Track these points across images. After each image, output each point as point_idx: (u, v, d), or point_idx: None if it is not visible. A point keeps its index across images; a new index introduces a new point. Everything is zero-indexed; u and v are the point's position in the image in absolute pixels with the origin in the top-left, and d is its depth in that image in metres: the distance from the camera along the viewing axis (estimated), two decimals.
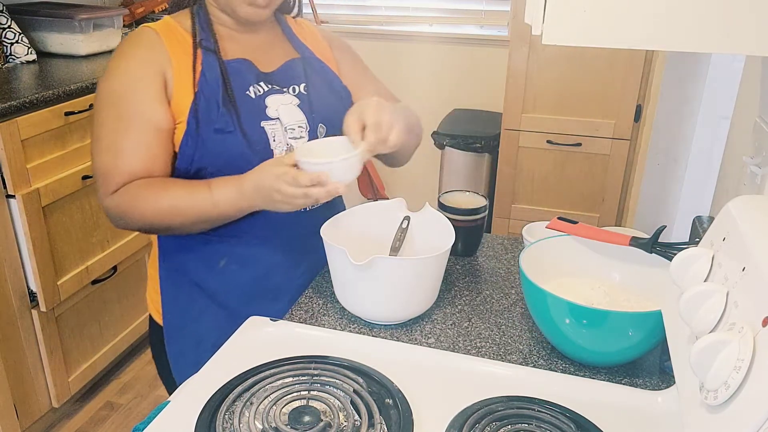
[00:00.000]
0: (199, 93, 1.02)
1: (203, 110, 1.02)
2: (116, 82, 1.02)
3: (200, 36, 1.06)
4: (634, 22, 0.65)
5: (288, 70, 1.13)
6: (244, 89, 1.06)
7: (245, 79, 1.07)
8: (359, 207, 1.08)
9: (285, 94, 1.10)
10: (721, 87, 1.44)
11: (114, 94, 1.02)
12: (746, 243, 0.58)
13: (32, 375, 1.91)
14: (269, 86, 1.09)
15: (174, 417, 0.75)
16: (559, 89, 2.42)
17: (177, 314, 1.14)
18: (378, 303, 0.95)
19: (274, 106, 1.08)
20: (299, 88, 1.12)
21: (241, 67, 1.07)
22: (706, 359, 0.53)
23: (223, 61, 1.05)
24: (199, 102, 1.02)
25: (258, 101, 1.06)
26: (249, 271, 1.11)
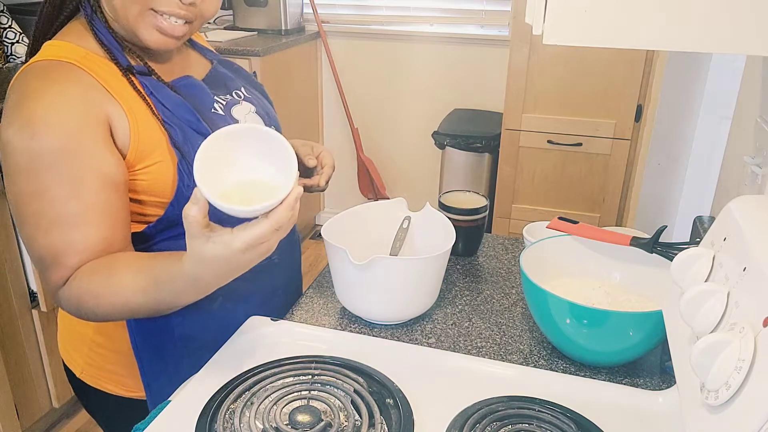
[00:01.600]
0: (168, 125, 0.87)
1: (183, 142, 0.87)
2: (48, 138, 0.79)
3: (119, 58, 0.87)
4: (635, 22, 0.65)
5: (219, 76, 1.03)
6: (209, 107, 0.95)
7: (203, 96, 0.95)
8: (360, 207, 1.08)
9: (242, 103, 1.01)
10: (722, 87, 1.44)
11: (47, 154, 0.78)
12: (747, 243, 0.58)
13: (33, 375, 1.91)
14: (223, 97, 0.99)
15: (174, 417, 0.75)
16: (559, 89, 2.42)
17: (167, 380, 0.96)
18: (378, 303, 0.95)
19: (241, 117, 0.99)
20: (242, 92, 1.03)
21: (190, 84, 0.94)
22: (706, 359, 0.53)
23: (171, 84, 0.91)
24: (175, 134, 0.87)
25: (226, 117, 0.97)
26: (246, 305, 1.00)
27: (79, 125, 0.80)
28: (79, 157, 0.80)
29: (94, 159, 0.81)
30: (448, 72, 3.02)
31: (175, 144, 0.87)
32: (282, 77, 2.85)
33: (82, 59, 0.85)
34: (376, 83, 3.13)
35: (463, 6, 3.01)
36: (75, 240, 0.81)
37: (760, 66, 1.00)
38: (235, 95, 1.02)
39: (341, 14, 3.17)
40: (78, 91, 0.82)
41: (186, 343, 0.98)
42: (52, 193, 0.80)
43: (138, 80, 0.88)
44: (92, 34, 0.88)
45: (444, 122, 2.82)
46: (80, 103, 0.81)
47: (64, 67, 0.83)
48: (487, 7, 2.97)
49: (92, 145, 0.81)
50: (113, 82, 0.85)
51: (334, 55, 3.14)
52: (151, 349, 0.97)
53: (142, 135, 0.85)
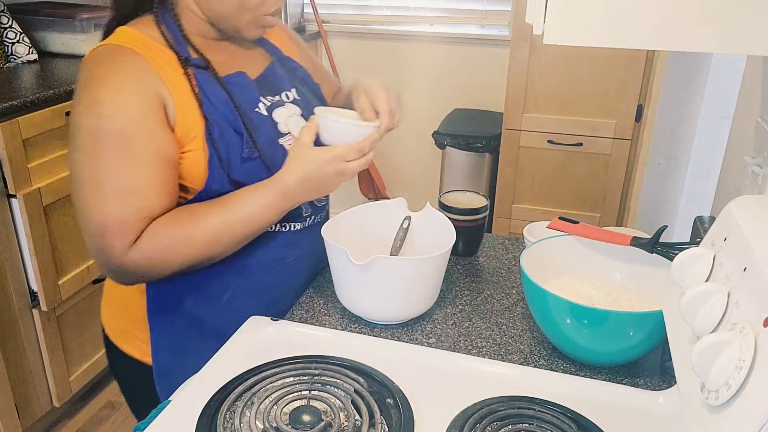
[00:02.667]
0: (209, 118, 0.92)
1: (219, 137, 0.93)
2: (114, 117, 0.87)
3: (180, 51, 0.94)
4: (635, 21, 0.65)
5: (272, 76, 1.05)
6: (253, 106, 0.98)
7: (249, 94, 0.99)
8: (360, 207, 1.08)
9: (287, 105, 1.03)
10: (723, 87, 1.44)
11: (113, 132, 0.87)
12: (747, 243, 0.58)
13: (33, 374, 1.92)
14: (269, 98, 1.02)
15: (175, 417, 0.75)
16: (560, 89, 2.42)
17: (172, 354, 1.03)
18: (379, 303, 0.95)
19: (282, 120, 1.01)
20: (292, 94, 1.06)
21: (240, 82, 0.98)
22: (707, 359, 0.53)
23: (223, 80, 0.96)
24: (213, 128, 0.92)
25: (269, 117, 1.00)
26: (256, 301, 1.03)
27: (141, 106, 0.89)
28: (141, 138, 0.89)
29: (155, 137, 0.89)
30: (449, 72, 3.02)
31: (210, 138, 0.92)
32: None
33: (143, 47, 0.92)
34: None
35: (463, 6, 3.01)
36: (139, 208, 0.89)
37: (761, 66, 1.00)
38: (284, 96, 1.04)
39: (342, 14, 3.17)
40: (138, 75, 0.90)
41: (194, 326, 1.03)
42: (112, 169, 0.88)
43: (193, 72, 0.93)
44: (158, 27, 0.94)
45: (444, 122, 2.82)
46: (140, 87, 0.89)
47: (125, 52, 0.90)
48: (488, 7, 2.97)
49: (152, 125, 0.89)
50: (168, 71, 0.92)
51: (335, 54, 3.14)
52: (163, 323, 1.02)
53: (184, 123, 0.92)
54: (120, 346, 1.10)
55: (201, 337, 1.02)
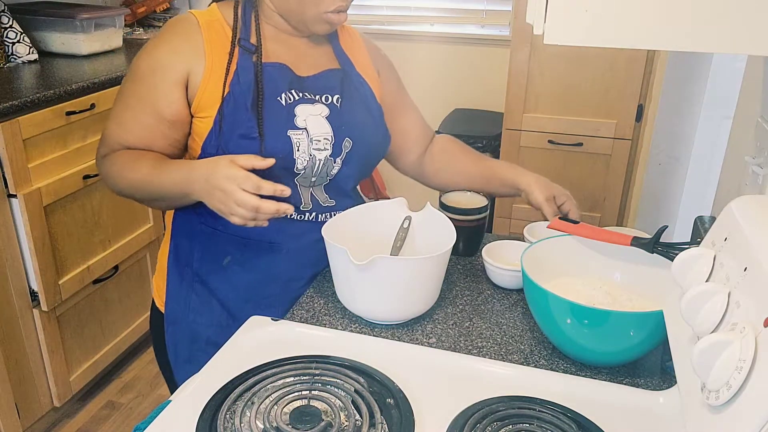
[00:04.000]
0: (229, 94, 1.01)
1: (230, 112, 1.01)
2: (143, 62, 1.05)
3: (242, 33, 1.04)
4: (636, 21, 0.65)
5: (324, 80, 1.10)
6: (275, 95, 1.04)
7: (278, 84, 1.05)
8: (360, 206, 1.08)
9: (315, 104, 1.07)
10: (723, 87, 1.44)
11: (138, 72, 1.05)
12: (748, 243, 0.58)
13: (33, 374, 1.92)
14: (301, 94, 1.06)
15: (175, 416, 0.75)
16: (560, 89, 2.42)
17: (178, 304, 1.15)
18: (379, 303, 0.95)
19: (302, 115, 1.05)
20: (332, 98, 1.09)
21: (276, 72, 1.05)
22: (707, 359, 0.53)
23: (261, 64, 1.03)
24: (227, 103, 1.01)
25: (288, 109, 1.04)
26: (249, 274, 1.11)
27: (162, 64, 1.03)
28: (147, 84, 1.04)
29: (156, 91, 1.03)
30: (449, 72, 3.02)
31: (221, 110, 1.01)
32: None
33: (209, 21, 1.05)
34: None
35: (463, 6, 3.01)
36: (118, 136, 1.06)
37: (761, 66, 1.00)
38: (322, 99, 1.08)
39: None
40: (179, 41, 1.04)
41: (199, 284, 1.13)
42: (124, 98, 1.07)
43: (239, 52, 1.03)
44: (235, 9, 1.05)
45: (445, 122, 2.82)
46: (173, 49, 1.04)
47: (188, 21, 1.05)
48: (488, 7, 2.97)
49: (162, 82, 1.02)
50: (217, 46, 1.03)
51: None
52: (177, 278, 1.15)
53: (207, 93, 1.02)
54: (155, 300, 1.22)
55: (204, 294, 1.13)
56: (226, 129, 1.01)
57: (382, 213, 1.08)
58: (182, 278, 1.14)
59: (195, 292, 1.14)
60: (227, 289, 1.12)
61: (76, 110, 1.91)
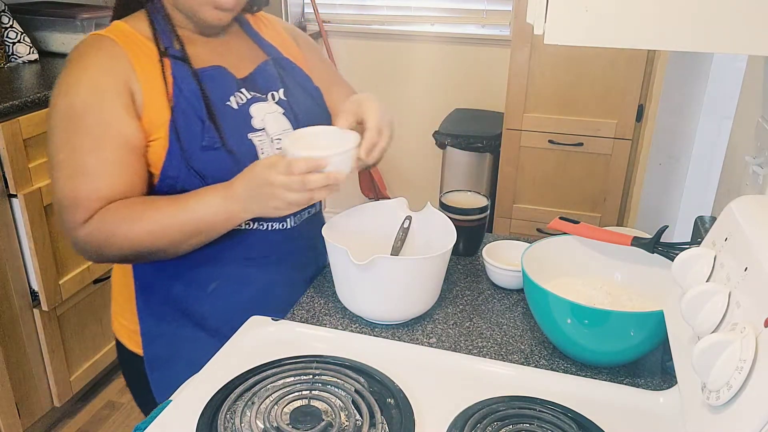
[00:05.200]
0: (176, 107, 0.94)
1: (183, 126, 0.94)
2: (78, 96, 0.91)
3: (164, 43, 0.97)
4: (636, 21, 0.65)
5: (262, 74, 1.05)
6: (224, 99, 0.98)
7: (224, 88, 0.99)
8: (361, 206, 1.08)
9: (268, 102, 1.02)
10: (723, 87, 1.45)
11: (77, 110, 0.91)
12: (748, 243, 0.58)
13: (34, 374, 1.92)
14: (250, 94, 1.01)
15: (175, 416, 0.75)
16: (560, 89, 2.42)
17: (161, 345, 1.05)
18: (379, 302, 0.95)
19: (258, 115, 1.00)
20: (278, 94, 1.05)
21: (216, 75, 0.99)
22: (708, 359, 0.53)
23: (196, 70, 0.97)
24: (177, 117, 0.94)
25: (241, 111, 0.99)
26: (244, 293, 1.04)
27: (104, 89, 0.92)
28: (102, 116, 0.91)
29: (115, 120, 0.92)
30: (449, 72, 3.02)
31: (173, 126, 0.94)
32: None
33: (126, 37, 0.96)
34: (377, 83, 3.13)
35: (464, 6, 3.01)
36: (94, 188, 0.91)
37: (762, 66, 1.00)
38: (270, 96, 1.04)
39: (342, 14, 3.17)
40: (108, 61, 0.93)
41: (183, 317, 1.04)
42: (77, 143, 0.91)
43: (170, 63, 0.96)
44: (148, 20, 0.98)
45: (445, 122, 2.82)
46: (108, 72, 0.93)
47: (105, 41, 0.95)
48: (489, 7, 2.97)
49: (113, 108, 0.91)
50: (144, 62, 0.95)
51: (335, 54, 3.14)
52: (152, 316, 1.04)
53: (151, 113, 0.94)
54: (122, 340, 1.12)
55: (190, 328, 1.04)
56: (185, 144, 0.94)
57: (382, 213, 1.08)
58: (160, 318, 1.04)
59: (180, 329, 1.05)
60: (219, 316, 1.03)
61: None
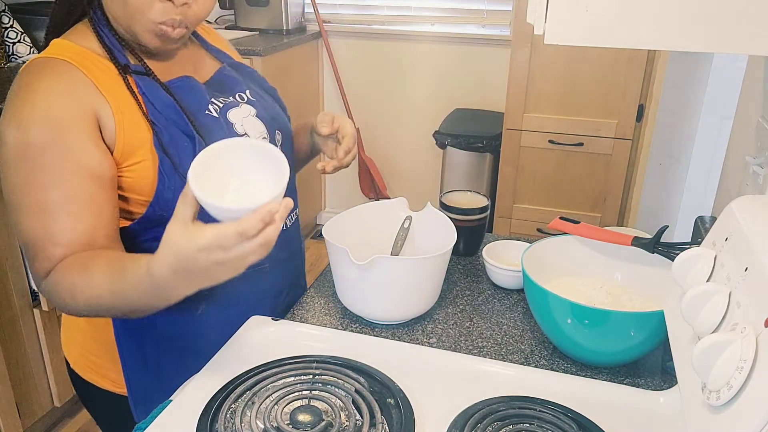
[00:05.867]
0: (157, 125, 0.87)
1: (169, 143, 0.87)
2: (33, 128, 0.81)
3: (120, 59, 0.89)
4: (637, 21, 0.65)
5: (224, 78, 1.01)
6: (202, 109, 0.93)
7: (197, 97, 0.93)
8: (361, 207, 1.08)
9: (241, 106, 0.99)
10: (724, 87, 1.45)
11: (35, 147, 0.81)
12: (749, 243, 0.58)
13: (34, 374, 1.92)
14: (221, 100, 0.97)
15: (175, 416, 0.75)
16: (561, 89, 2.42)
17: (147, 381, 0.98)
18: (379, 302, 0.95)
19: (238, 121, 0.96)
20: (246, 95, 1.01)
21: (186, 86, 0.93)
22: (708, 360, 0.53)
23: (166, 85, 0.90)
24: (162, 134, 0.87)
25: (222, 119, 0.94)
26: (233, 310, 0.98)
27: (64, 119, 0.82)
28: (62, 150, 0.82)
29: (77, 152, 0.82)
30: (450, 72, 3.02)
31: (159, 144, 0.87)
32: (283, 77, 2.85)
33: (78, 57, 0.86)
34: (378, 83, 3.13)
35: (464, 6, 3.01)
36: (56, 231, 0.81)
37: (762, 66, 1.00)
38: (238, 98, 1.00)
39: (342, 14, 3.17)
40: (67, 87, 0.84)
41: (167, 344, 0.97)
42: (35, 183, 0.81)
43: (134, 79, 0.89)
44: (95, 35, 0.90)
45: (445, 122, 2.82)
46: (67, 99, 0.83)
47: (58, 64, 0.85)
48: (489, 7, 2.97)
49: (76, 139, 0.82)
50: (106, 81, 0.86)
51: (336, 54, 3.14)
52: (132, 346, 0.97)
53: (127, 134, 0.86)
54: (88, 378, 1.04)
55: (178, 357, 0.97)
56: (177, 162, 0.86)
57: (382, 213, 1.08)
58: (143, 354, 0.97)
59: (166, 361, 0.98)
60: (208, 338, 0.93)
61: None
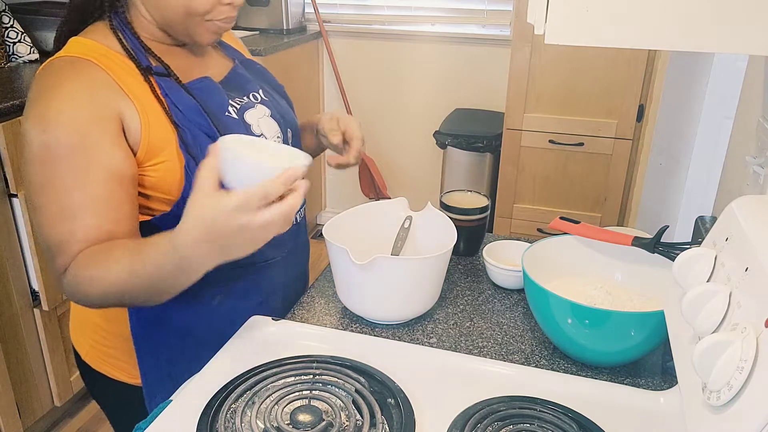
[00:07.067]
0: (181, 125, 0.89)
1: (193, 144, 0.88)
2: (58, 131, 0.82)
3: (139, 58, 0.90)
4: (637, 21, 0.65)
5: (238, 78, 1.03)
6: (223, 111, 0.94)
7: (218, 99, 0.95)
8: (361, 206, 1.08)
9: (257, 106, 1.01)
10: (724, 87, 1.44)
11: (59, 149, 0.82)
12: (749, 243, 0.58)
13: (34, 373, 1.92)
14: (242, 101, 0.99)
15: (176, 416, 0.75)
16: (561, 89, 2.42)
17: (163, 373, 0.99)
18: (380, 302, 0.95)
19: (254, 122, 0.99)
20: (259, 95, 1.03)
21: (206, 87, 0.95)
22: (708, 360, 0.53)
23: (187, 86, 0.92)
24: (185, 135, 0.88)
25: (240, 120, 0.96)
26: (247, 300, 1.00)
27: (88, 121, 0.83)
28: (85, 151, 0.83)
29: (100, 153, 0.83)
30: (450, 72, 3.02)
31: (184, 145, 0.88)
32: (283, 77, 2.83)
33: (102, 57, 0.87)
34: (378, 83, 3.13)
35: (464, 6, 3.01)
36: (77, 229, 0.82)
37: (763, 66, 1.00)
38: (252, 98, 1.02)
39: (343, 14, 3.17)
40: (91, 88, 0.85)
41: (183, 336, 0.99)
42: (58, 184, 0.82)
43: (155, 80, 0.90)
44: (114, 35, 0.90)
45: (445, 122, 2.82)
46: (91, 100, 0.84)
47: (82, 64, 0.85)
48: (489, 7, 2.97)
49: (99, 140, 0.83)
50: (129, 81, 0.87)
51: (336, 54, 3.14)
52: (148, 339, 0.98)
53: (152, 134, 0.87)
54: (100, 369, 1.05)
55: (193, 349, 0.98)
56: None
57: (383, 213, 1.08)
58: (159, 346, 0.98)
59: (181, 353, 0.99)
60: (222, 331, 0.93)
61: None
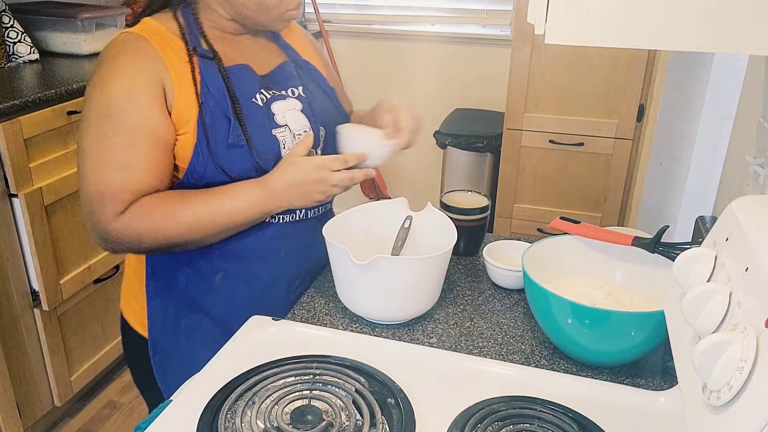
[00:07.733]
0: (204, 105, 0.98)
1: (210, 124, 0.98)
2: (113, 93, 0.95)
3: (192, 41, 1.01)
4: (637, 21, 0.65)
5: (283, 73, 1.10)
6: (250, 97, 1.03)
7: (249, 86, 1.03)
8: (361, 206, 1.08)
9: (288, 99, 1.07)
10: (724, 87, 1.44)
11: (112, 107, 0.95)
12: (749, 243, 0.58)
13: (34, 374, 1.92)
14: (271, 92, 1.06)
15: (176, 416, 0.75)
16: (561, 89, 2.42)
17: (166, 330, 1.09)
18: (380, 302, 0.95)
19: (280, 112, 1.05)
20: (298, 91, 1.09)
21: (242, 74, 1.03)
22: (708, 360, 0.53)
23: (225, 69, 1.01)
24: (205, 114, 0.98)
25: (265, 108, 1.03)
26: (247, 286, 1.08)
27: (139, 88, 0.96)
28: (135, 114, 0.95)
29: (147, 117, 0.96)
30: (450, 71, 3.02)
31: (202, 123, 0.98)
32: None
33: (154, 35, 0.99)
34: (378, 82, 3.13)
35: (464, 5, 3.01)
36: (129, 182, 0.95)
37: (763, 66, 1.00)
38: (290, 92, 1.08)
39: (343, 14, 3.17)
40: (142, 61, 0.97)
41: (189, 305, 1.08)
42: (108, 140, 0.95)
43: (198, 61, 1.00)
44: (175, 20, 1.02)
45: (445, 122, 2.82)
46: (142, 70, 0.97)
47: (138, 40, 0.98)
48: (489, 7, 2.97)
49: (148, 106, 0.96)
50: (174, 58, 0.99)
51: (336, 54, 3.14)
52: (160, 302, 1.08)
53: (181, 107, 0.98)
54: (128, 320, 1.16)
55: (195, 316, 1.08)
56: (212, 141, 0.98)
57: (383, 213, 1.08)
58: (166, 302, 1.08)
59: (185, 316, 1.09)
60: (223, 307, 1.08)
61: (77, 110, 1.91)
